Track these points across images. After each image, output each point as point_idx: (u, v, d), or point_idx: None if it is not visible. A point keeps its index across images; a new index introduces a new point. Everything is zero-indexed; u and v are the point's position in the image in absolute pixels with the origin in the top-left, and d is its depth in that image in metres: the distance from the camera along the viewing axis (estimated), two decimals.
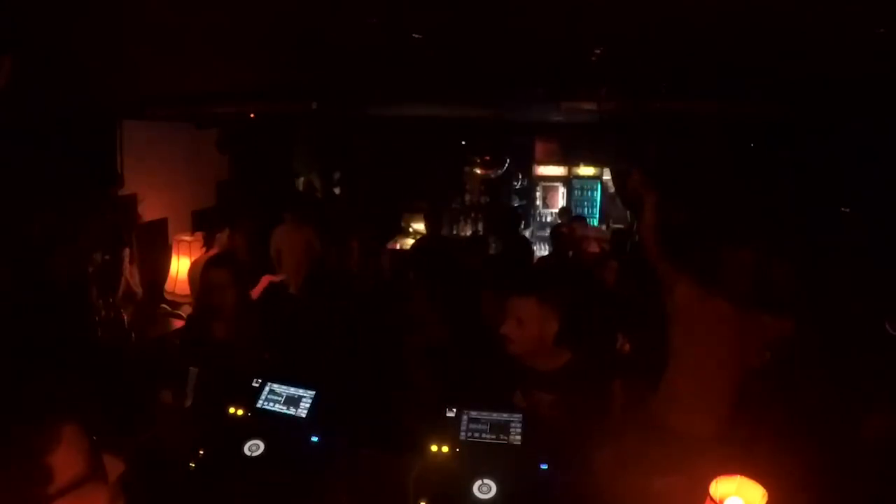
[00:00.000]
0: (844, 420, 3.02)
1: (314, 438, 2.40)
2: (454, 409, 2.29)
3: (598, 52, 2.79)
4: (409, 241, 8.47)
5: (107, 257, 5.14)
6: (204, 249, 5.46)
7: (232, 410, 2.48)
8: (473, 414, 2.28)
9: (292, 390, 2.54)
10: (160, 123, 6.21)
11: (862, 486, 2.60)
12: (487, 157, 9.33)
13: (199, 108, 5.75)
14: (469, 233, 9.59)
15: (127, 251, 5.32)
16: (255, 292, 4.42)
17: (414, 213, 8.84)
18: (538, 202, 10.17)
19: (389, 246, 8.23)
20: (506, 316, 2.60)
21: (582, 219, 8.17)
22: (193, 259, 5.17)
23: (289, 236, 5.95)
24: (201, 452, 2.33)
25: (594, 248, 6.68)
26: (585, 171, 9.98)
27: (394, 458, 2.29)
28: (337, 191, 9.87)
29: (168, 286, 4.90)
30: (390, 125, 7.93)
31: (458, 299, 3.52)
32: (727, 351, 3.06)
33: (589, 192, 10.08)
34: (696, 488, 1.63)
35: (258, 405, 2.52)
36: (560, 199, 10.10)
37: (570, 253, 6.41)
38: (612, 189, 9.60)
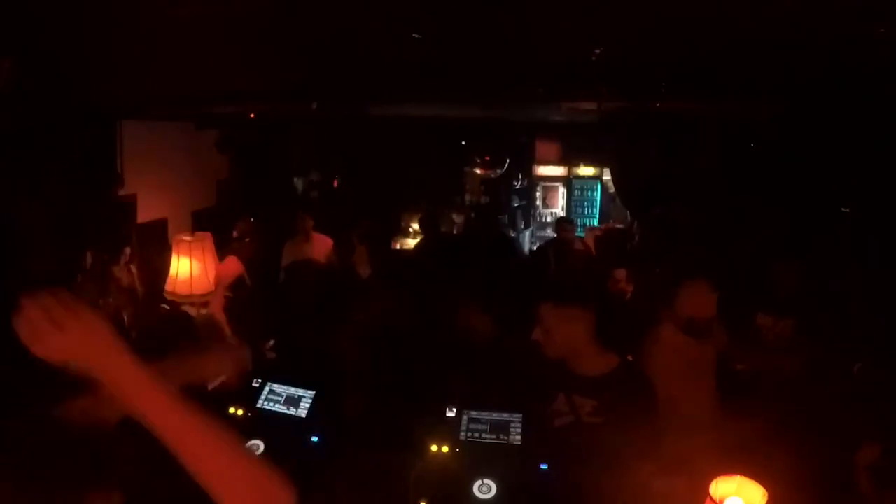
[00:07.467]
0: (845, 421, 3.01)
1: (314, 438, 2.40)
2: (454, 409, 2.29)
3: (598, 52, 2.79)
4: (410, 241, 8.46)
5: (105, 257, 5.14)
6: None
7: (232, 410, 2.48)
8: (473, 414, 2.28)
9: (292, 390, 2.53)
10: (160, 123, 6.22)
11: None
12: (487, 157, 9.31)
13: (199, 108, 5.75)
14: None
15: (127, 250, 5.30)
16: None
17: (414, 213, 8.83)
18: (538, 202, 10.17)
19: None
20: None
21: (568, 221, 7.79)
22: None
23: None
24: None
25: (578, 246, 6.65)
26: (585, 171, 9.98)
27: (394, 458, 2.28)
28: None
29: (168, 286, 4.87)
30: (390, 125, 7.93)
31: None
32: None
33: (589, 192, 10.09)
34: (696, 488, 1.63)
35: (258, 405, 2.51)
36: (560, 198, 10.10)
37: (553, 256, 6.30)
38: (611, 189, 9.60)
